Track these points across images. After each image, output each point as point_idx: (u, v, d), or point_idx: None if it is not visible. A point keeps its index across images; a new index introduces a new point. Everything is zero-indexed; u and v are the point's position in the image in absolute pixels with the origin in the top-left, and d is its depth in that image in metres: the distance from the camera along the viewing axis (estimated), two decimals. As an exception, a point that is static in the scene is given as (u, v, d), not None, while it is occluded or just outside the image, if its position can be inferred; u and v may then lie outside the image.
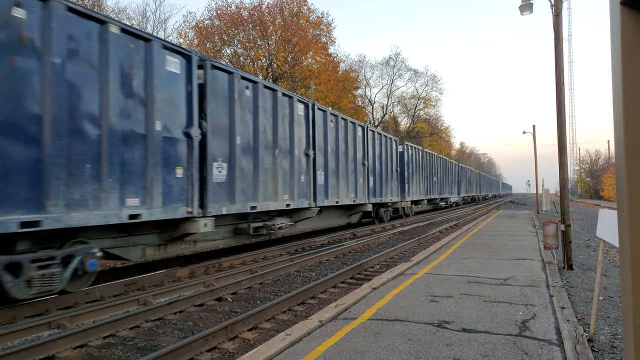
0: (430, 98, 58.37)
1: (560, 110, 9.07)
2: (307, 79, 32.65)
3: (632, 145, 1.28)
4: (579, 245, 12.70)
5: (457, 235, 13.86)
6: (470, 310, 5.22)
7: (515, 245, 11.20)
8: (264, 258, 10.94)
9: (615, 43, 1.31)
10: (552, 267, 8.14)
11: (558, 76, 9.10)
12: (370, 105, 53.74)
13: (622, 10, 1.26)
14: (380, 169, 19.29)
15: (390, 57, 59.71)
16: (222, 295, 7.08)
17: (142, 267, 9.28)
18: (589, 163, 77.06)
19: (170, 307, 6.18)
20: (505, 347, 3.98)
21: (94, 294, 6.91)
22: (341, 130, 15.28)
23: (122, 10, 39.97)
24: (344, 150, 15.44)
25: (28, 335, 5.15)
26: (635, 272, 1.27)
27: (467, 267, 8.06)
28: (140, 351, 4.75)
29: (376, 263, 10.08)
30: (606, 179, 57.82)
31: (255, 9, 32.46)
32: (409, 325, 4.64)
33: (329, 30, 35.80)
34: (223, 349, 4.78)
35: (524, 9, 11.06)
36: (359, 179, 16.74)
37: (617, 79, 1.31)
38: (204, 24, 32.91)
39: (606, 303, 6.18)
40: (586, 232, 17.34)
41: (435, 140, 61.32)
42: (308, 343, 4.17)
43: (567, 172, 9.38)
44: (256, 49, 33.10)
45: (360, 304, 5.52)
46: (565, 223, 8.91)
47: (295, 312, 6.25)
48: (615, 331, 4.96)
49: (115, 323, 5.37)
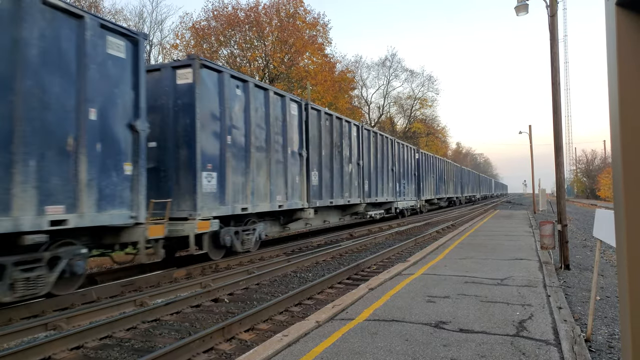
0: (426, 98, 58.55)
1: (557, 111, 9.10)
2: (304, 80, 32.64)
3: (628, 145, 1.28)
4: (576, 245, 12.74)
5: (453, 236, 13.88)
6: (468, 310, 5.22)
7: (512, 246, 11.23)
8: (260, 259, 10.93)
9: (611, 44, 1.31)
10: (549, 267, 8.16)
11: (554, 76, 9.14)
12: (367, 106, 53.83)
13: (617, 11, 1.27)
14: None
15: (387, 57, 59.83)
16: (219, 296, 7.06)
17: (139, 268, 9.25)
18: (585, 163, 77.33)
19: (167, 308, 6.17)
20: (502, 348, 3.99)
21: (90, 295, 6.88)
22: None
23: (119, 11, 39.92)
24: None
25: (24, 337, 5.12)
26: (632, 271, 1.27)
27: (464, 268, 8.07)
28: (137, 352, 4.73)
29: (373, 263, 10.08)
30: (602, 178, 58.06)
31: (252, 10, 32.45)
32: (406, 326, 4.64)
33: (325, 31, 35.83)
34: (220, 350, 4.77)
35: (520, 9, 11.09)
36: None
37: (612, 80, 1.32)
38: (201, 25, 32.85)
39: (603, 303, 6.20)
40: (583, 232, 17.40)
41: (431, 140, 61.40)
42: (305, 344, 4.16)
43: (563, 172, 9.41)
44: (253, 50, 33.07)
45: (357, 305, 5.52)
46: (562, 223, 8.93)
47: (292, 312, 6.24)
48: (612, 331, 4.97)
49: (112, 324, 5.35)
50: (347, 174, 16.37)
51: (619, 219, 1.32)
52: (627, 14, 1.26)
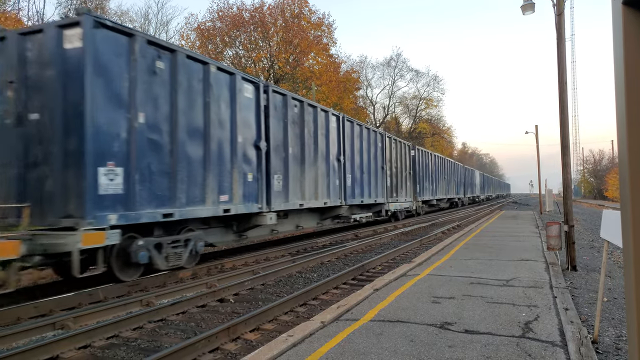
0: (432, 98, 58.39)
1: (563, 110, 9.05)
2: (309, 80, 32.68)
3: (635, 145, 1.27)
4: (583, 246, 12.64)
5: (459, 236, 13.83)
6: (473, 311, 5.20)
7: (518, 246, 11.17)
8: (265, 259, 10.95)
9: (618, 43, 1.30)
10: (556, 268, 8.11)
11: (561, 76, 9.08)
12: (372, 106, 53.78)
13: (624, 10, 1.26)
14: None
15: (392, 57, 59.71)
16: (224, 296, 7.08)
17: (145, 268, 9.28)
18: (593, 163, 76.76)
19: (173, 308, 6.20)
20: (508, 349, 3.97)
21: (97, 295, 6.93)
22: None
23: (125, 12, 40.09)
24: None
25: (33, 336, 5.16)
26: (639, 273, 1.26)
27: (470, 268, 8.04)
28: (143, 352, 4.75)
29: (378, 264, 10.07)
30: (610, 179, 57.58)
31: (257, 11, 32.55)
32: (411, 327, 4.63)
33: (330, 32, 35.86)
34: (225, 350, 4.78)
35: (526, 8, 11.04)
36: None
37: (619, 79, 1.31)
38: (206, 26, 33.01)
39: (610, 304, 6.15)
40: (590, 232, 17.28)
41: (437, 140, 61.24)
42: (310, 344, 4.16)
43: (570, 172, 9.35)
44: (258, 51, 33.18)
45: (362, 305, 5.52)
46: (569, 224, 8.87)
47: (297, 313, 6.25)
48: (619, 333, 4.93)
49: (119, 324, 5.39)
50: (324, 171, 14.02)
51: (626, 220, 1.31)
52: (634, 13, 1.25)
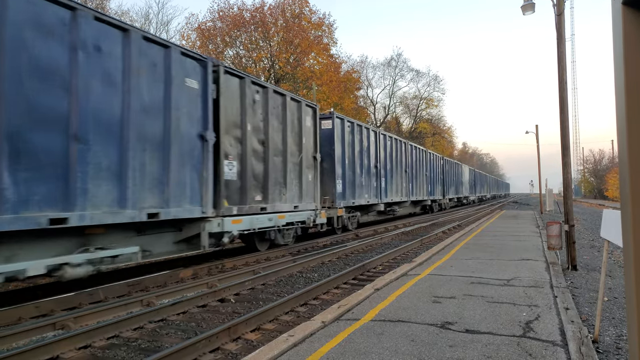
0: (432, 98, 58.45)
1: (564, 110, 9.04)
2: (309, 80, 32.68)
3: (634, 145, 1.27)
4: (583, 245, 12.64)
5: (460, 236, 13.83)
6: (474, 311, 5.21)
7: (518, 246, 11.17)
8: (266, 259, 10.95)
9: (618, 43, 1.31)
10: (556, 267, 8.11)
11: (561, 76, 9.08)
12: (373, 106, 53.78)
13: (624, 10, 1.26)
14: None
15: (392, 57, 59.83)
16: (225, 296, 7.09)
17: (145, 268, 9.31)
18: (593, 163, 76.69)
19: (174, 308, 6.20)
20: (508, 348, 3.97)
21: (97, 295, 6.94)
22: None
23: (125, 12, 40.14)
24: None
25: (33, 336, 5.17)
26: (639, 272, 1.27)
27: (470, 268, 8.04)
28: (143, 352, 4.76)
29: (379, 264, 10.07)
30: (610, 178, 57.54)
31: (257, 11, 32.57)
32: (412, 326, 4.64)
33: (331, 32, 35.88)
34: (226, 350, 4.79)
35: (526, 8, 11.03)
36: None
37: (619, 79, 1.31)
38: (206, 26, 33.04)
39: (611, 304, 6.15)
40: (590, 232, 17.27)
41: (437, 140, 61.24)
42: (311, 344, 4.16)
43: (570, 172, 9.34)
44: (258, 51, 33.18)
45: (363, 305, 5.52)
46: (569, 223, 8.87)
47: (298, 313, 6.25)
48: (620, 332, 4.93)
49: (119, 324, 5.39)
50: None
51: (626, 220, 1.31)
52: (634, 13, 1.26)
